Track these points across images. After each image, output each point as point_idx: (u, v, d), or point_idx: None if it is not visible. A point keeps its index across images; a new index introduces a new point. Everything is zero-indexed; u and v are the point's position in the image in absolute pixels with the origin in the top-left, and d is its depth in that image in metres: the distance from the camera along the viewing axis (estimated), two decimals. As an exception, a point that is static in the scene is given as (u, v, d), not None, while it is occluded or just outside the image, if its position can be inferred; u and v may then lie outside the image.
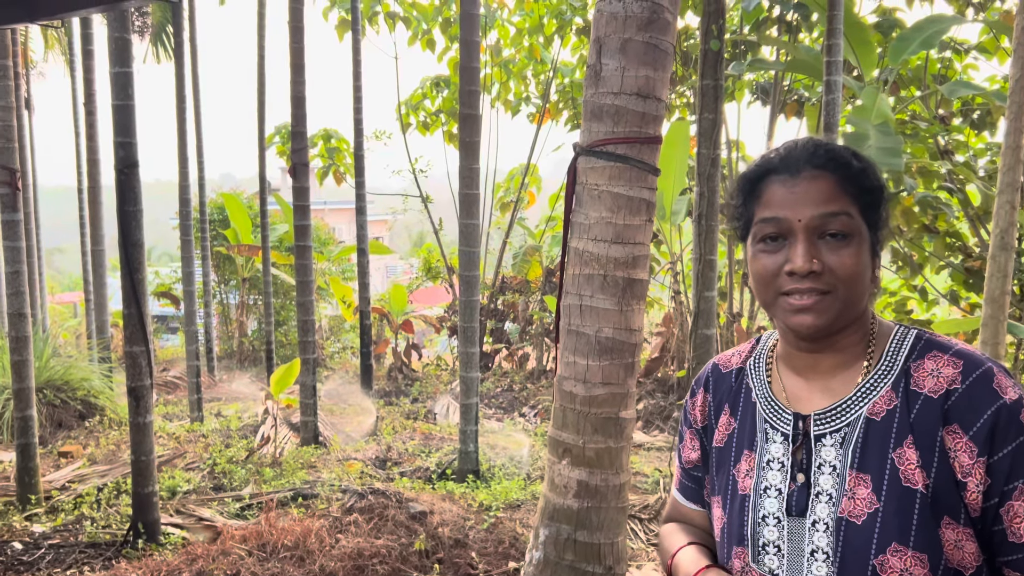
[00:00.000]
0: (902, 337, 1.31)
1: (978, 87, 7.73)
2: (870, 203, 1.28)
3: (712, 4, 5.36)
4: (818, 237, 1.25)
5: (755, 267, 1.32)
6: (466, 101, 6.19)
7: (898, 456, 1.22)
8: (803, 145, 1.32)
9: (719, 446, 1.46)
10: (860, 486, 1.23)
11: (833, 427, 1.29)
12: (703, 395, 1.53)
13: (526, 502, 5.81)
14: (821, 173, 1.27)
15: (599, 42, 2.96)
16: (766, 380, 1.42)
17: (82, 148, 10.80)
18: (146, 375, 4.99)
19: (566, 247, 3.14)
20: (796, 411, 1.34)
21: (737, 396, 1.46)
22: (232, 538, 4.82)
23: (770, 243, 1.29)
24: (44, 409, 7.97)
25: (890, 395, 1.26)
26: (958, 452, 1.19)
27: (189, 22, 10.38)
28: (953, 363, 1.24)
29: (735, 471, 1.40)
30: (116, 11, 4.80)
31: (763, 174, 1.33)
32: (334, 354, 14.73)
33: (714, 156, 5.37)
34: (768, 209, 1.29)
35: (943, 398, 1.22)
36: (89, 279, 10.96)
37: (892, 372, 1.28)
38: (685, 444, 1.56)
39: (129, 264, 4.90)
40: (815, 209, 1.25)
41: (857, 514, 1.22)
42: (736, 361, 1.51)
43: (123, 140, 4.89)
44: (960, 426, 1.20)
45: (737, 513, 1.36)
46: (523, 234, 14.19)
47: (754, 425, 1.40)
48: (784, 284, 1.27)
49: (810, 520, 1.27)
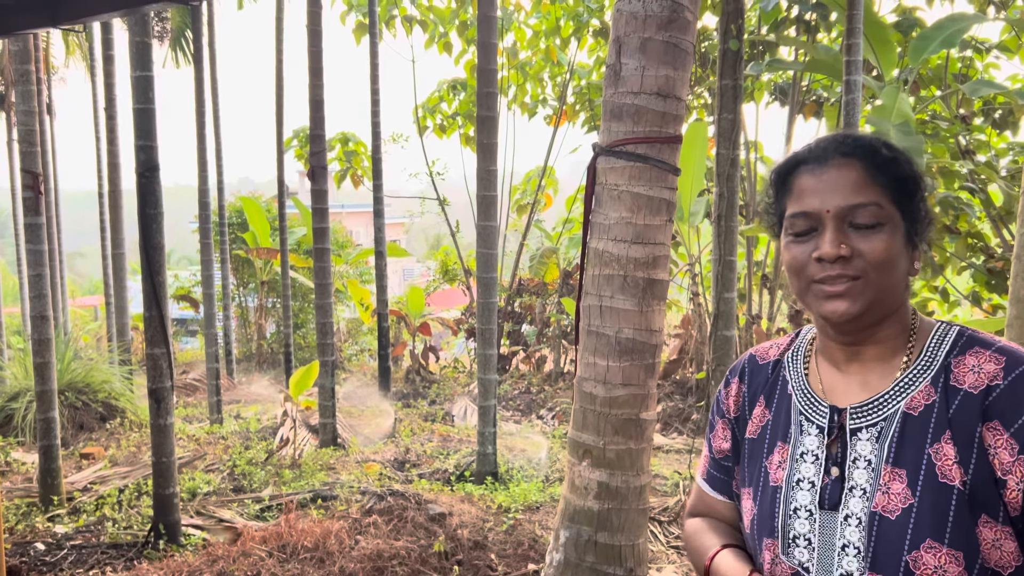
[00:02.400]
0: (943, 333, 1.30)
1: (1000, 86, 7.66)
2: (902, 192, 1.27)
3: (731, 4, 5.34)
4: (848, 226, 1.25)
5: (787, 257, 1.31)
6: (483, 103, 6.19)
7: (935, 452, 1.20)
8: (833, 136, 1.32)
9: (752, 437, 1.45)
10: (895, 481, 1.22)
11: (869, 421, 1.28)
12: (738, 385, 1.51)
13: (545, 504, 5.80)
14: (848, 161, 1.27)
15: (619, 42, 2.95)
16: (803, 373, 1.41)
17: (103, 152, 10.89)
18: (166, 377, 5.02)
19: (585, 247, 3.13)
20: (833, 404, 1.33)
21: (773, 388, 1.45)
22: (252, 539, 4.83)
23: (801, 234, 1.29)
24: (66, 411, 8.05)
25: (929, 390, 1.25)
26: (998, 449, 1.17)
27: (208, 26, 10.45)
28: (995, 359, 1.22)
29: (767, 462, 1.39)
30: (136, 15, 4.84)
31: (793, 166, 1.33)
32: (352, 356, 14.78)
33: (733, 157, 5.35)
34: (798, 202, 1.29)
35: (983, 394, 1.20)
36: (110, 282, 11.06)
37: (932, 367, 1.26)
38: (716, 433, 1.54)
39: (150, 267, 4.93)
40: (843, 199, 1.25)
41: (891, 509, 1.21)
42: (774, 353, 1.49)
43: (144, 143, 4.92)
44: (1001, 422, 1.17)
45: (768, 505, 1.35)
46: (540, 236, 14.19)
47: (789, 417, 1.39)
48: (815, 272, 1.26)
49: (842, 514, 1.26)
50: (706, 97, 11.10)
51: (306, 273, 14.05)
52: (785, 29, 9.24)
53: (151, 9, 4.76)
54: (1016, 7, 8.25)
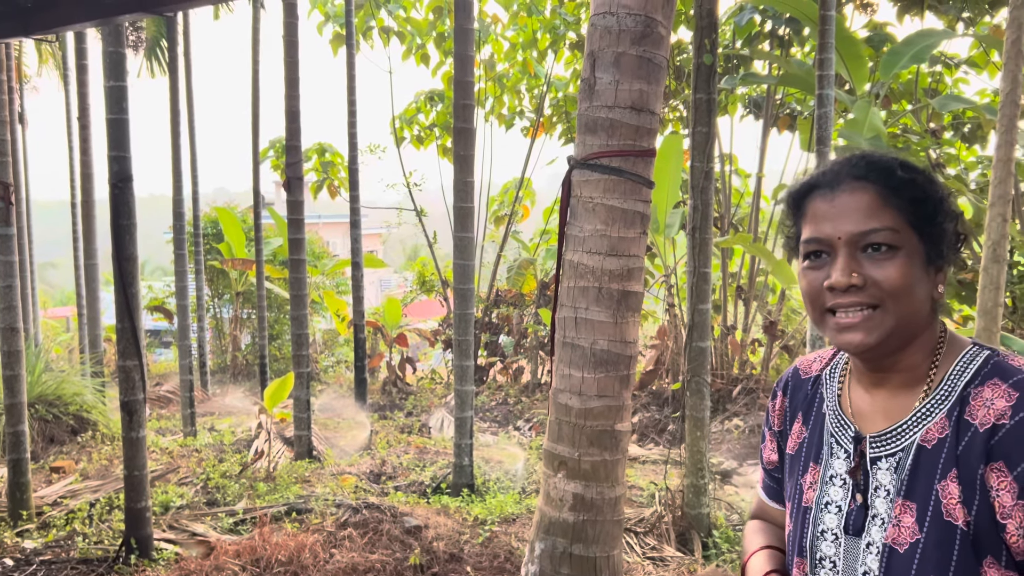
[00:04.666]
0: (970, 359, 1.24)
1: (968, 101, 7.79)
2: (919, 215, 1.22)
3: (705, 19, 5.39)
4: (861, 252, 1.22)
5: (802, 284, 1.29)
6: (460, 115, 6.21)
7: (942, 489, 1.18)
8: (848, 157, 1.29)
9: (791, 453, 1.45)
10: (906, 514, 1.21)
11: (888, 451, 1.26)
12: (782, 399, 1.51)
13: (521, 516, 5.79)
14: (861, 184, 1.23)
15: (593, 56, 2.98)
16: (837, 393, 1.39)
17: (76, 162, 10.78)
18: (139, 389, 4.97)
19: (561, 259, 3.14)
20: (858, 429, 1.32)
21: (811, 405, 1.44)
22: (226, 553, 4.78)
23: (815, 259, 1.26)
24: (36, 424, 7.93)
25: (944, 423, 1.21)
26: (1000, 491, 1.14)
27: (183, 37, 10.40)
28: (1008, 395, 1.16)
29: (802, 481, 1.39)
30: (111, 26, 4.81)
31: (807, 191, 1.30)
32: (328, 368, 14.69)
33: (708, 169, 5.39)
34: (811, 227, 1.27)
35: (989, 432, 1.15)
36: (82, 293, 10.93)
37: (950, 398, 1.22)
38: (766, 445, 1.56)
39: (123, 278, 4.89)
40: (855, 225, 1.21)
41: (901, 542, 1.20)
42: (816, 368, 1.47)
43: (117, 154, 4.89)
44: (1006, 464, 1.13)
45: (799, 524, 1.36)
46: (517, 247, 14.21)
47: (822, 437, 1.38)
48: (827, 300, 1.24)
49: (865, 541, 1.26)
50: (681, 110, 11.19)
51: (282, 284, 13.97)
52: (759, 43, 9.35)
53: (125, 20, 4.74)
54: (984, 23, 8.40)
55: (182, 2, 4.49)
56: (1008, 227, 4.18)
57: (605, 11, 2.94)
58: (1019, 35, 4.08)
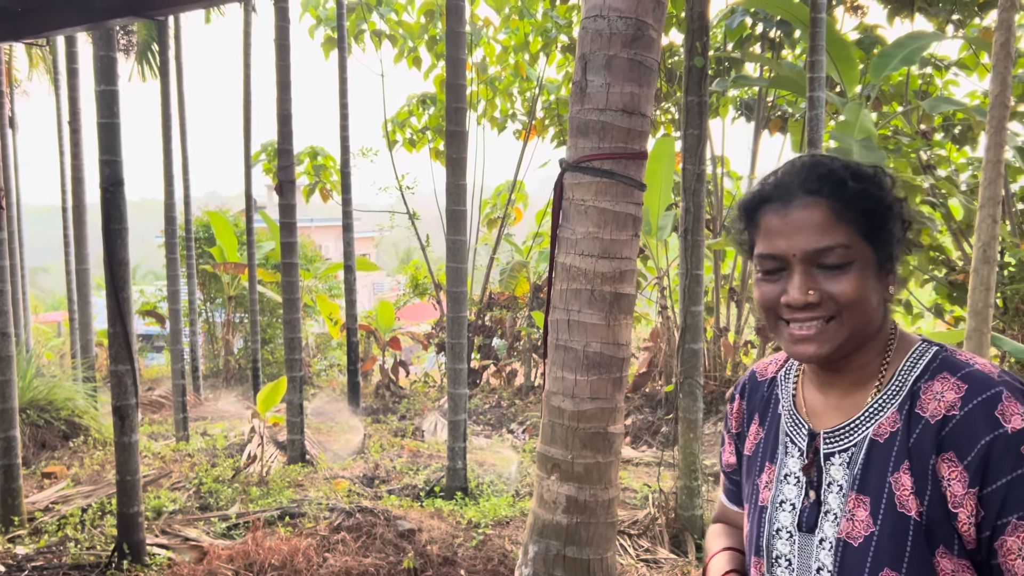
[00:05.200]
0: (919, 355, 1.28)
1: (959, 103, 7.83)
2: (872, 224, 1.24)
3: (696, 21, 5.41)
4: (815, 267, 1.23)
5: (757, 294, 1.31)
6: (452, 118, 6.21)
7: (895, 481, 1.21)
8: (799, 168, 1.29)
9: (748, 455, 1.48)
10: (859, 508, 1.23)
11: (841, 446, 1.29)
12: (739, 402, 1.54)
13: (515, 519, 5.79)
14: (814, 200, 1.23)
15: (584, 59, 2.99)
16: (791, 393, 1.42)
17: (67, 166, 10.74)
18: (131, 394, 4.95)
19: (553, 262, 3.14)
20: (812, 427, 1.34)
21: (767, 406, 1.46)
22: (219, 558, 4.77)
23: (770, 274, 1.28)
24: (27, 429, 7.89)
25: (895, 417, 1.24)
26: (951, 481, 1.16)
27: (175, 40, 10.37)
28: (957, 387, 1.20)
29: (759, 481, 1.41)
30: (101, 29, 4.80)
31: (758, 203, 1.30)
32: (321, 372, 14.66)
33: (699, 172, 5.40)
34: (765, 242, 1.27)
35: (940, 424, 1.19)
36: (73, 298, 10.89)
37: (901, 393, 1.26)
38: (725, 449, 1.58)
39: (114, 283, 4.87)
40: (808, 243, 1.22)
41: (855, 536, 1.22)
42: (772, 370, 1.50)
43: (108, 158, 4.87)
44: (956, 454, 1.16)
45: (756, 524, 1.39)
46: (510, 250, 14.21)
47: (777, 437, 1.41)
48: (783, 312, 1.26)
49: (818, 537, 1.28)
50: (673, 112, 11.21)
51: (274, 288, 13.93)
52: (750, 46, 9.38)
53: (116, 24, 4.73)
54: (974, 26, 8.44)
55: (173, 6, 4.49)
56: (998, 228, 4.20)
57: (596, 14, 2.95)
58: (1008, 37, 4.10)
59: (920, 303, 8.40)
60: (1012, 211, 7.41)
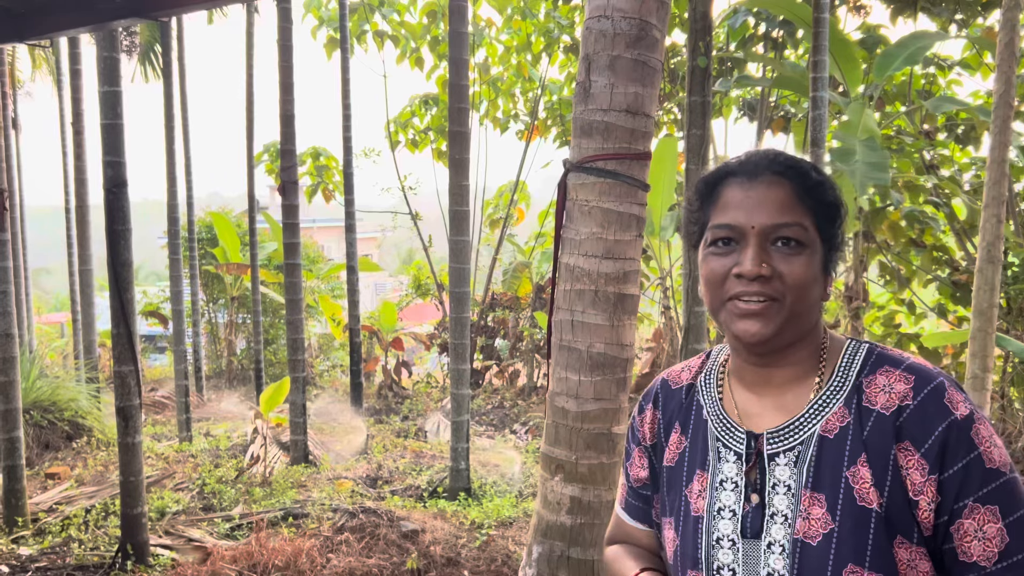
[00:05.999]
0: (854, 351, 1.29)
1: (962, 102, 7.82)
2: (826, 217, 1.27)
3: (699, 22, 5.41)
4: (770, 244, 1.24)
5: (704, 270, 1.29)
6: (455, 118, 6.21)
7: (852, 475, 1.20)
8: (764, 153, 1.31)
9: (670, 465, 1.41)
10: (815, 506, 1.21)
11: (786, 446, 1.26)
12: (652, 411, 1.48)
13: (518, 519, 5.78)
14: (779, 180, 1.25)
15: (588, 59, 2.98)
16: (717, 397, 1.38)
17: (70, 167, 10.77)
18: (134, 395, 4.96)
19: (557, 263, 3.14)
20: (749, 429, 1.31)
21: (688, 413, 1.42)
22: (222, 559, 4.77)
23: (722, 246, 1.27)
24: (31, 430, 7.90)
25: (843, 412, 1.24)
26: (910, 470, 1.17)
27: (177, 41, 10.38)
28: (905, 378, 1.22)
29: (687, 491, 1.36)
30: (104, 31, 4.80)
31: (721, 177, 1.31)
32: (324, 372, 14.67)
33: (702, 172, 5.40)
34: (723, 213, 1.28)
35: (895, 414, 1.19)
36: (76, 299, 10.90)
37: (844, 388, 1.26)
38: (633, 462, 1.51)
39: (117, 283, 4.88)
40: (769, 217, 1.23)
41: (812, 535, 1.20)
42: (686, 377, 1.46)
43: (112, 159, 4.88)
44: (912, 443, 1.17)
45: (691, 535, 1.32)
46: (513, 251, 14.20)
47: (706, 444, 1.36)
48: (732, 288, 1.25)
49: (765, 542, 1.24)
50: (676, 113, 11.21)
51: (277, 288, 13.94)
52: (753, 46, 9.37)
53: (119, 25, 4.73)
54: (977, 25, 8.43)
55: (176, 7, 4.49)
56: (1002, 228, 4.19)
57: (600, 15, 2.94)
58: (1012, 37, 4.10)
59: (923, 303, 8.39)
60: (1016, 211, 7.40)
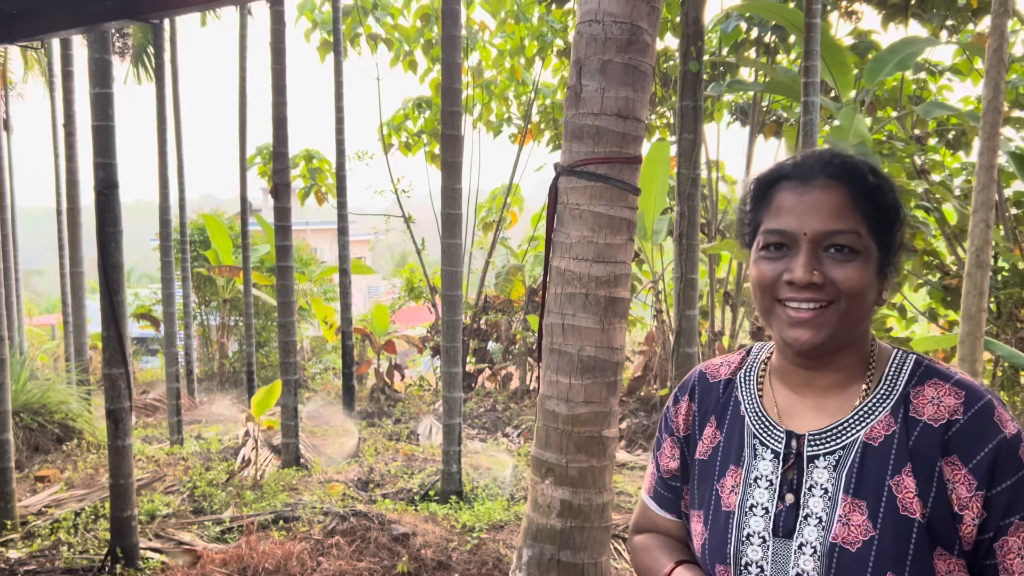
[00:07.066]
0: (901, 362, 1.28)
1: (952, 108, 7.85)
2: (882, 222, 1.24)
3: (691, 26, 5.43)
4: (823, 250, 1.22)
5: (755, 272, 1.28)
6: (448, 122, 6.22)
7: (896, 484, 1.19)
8: (820, 154, 1.28)
9: (702, 459, 1.41)
10: (855, 512, 1.20)
11: (827, 449, 1.26)
12: (688, 403, 1.48)
13: (509, 523, 5.78)
14: (834, 184, 1.23)
15: (579, 63, 2.99)
16: (757, 394, 1.38)
17: (61, 169, 10.72)
18: (125, 397, 4.94)
19: (548, 266, 3.15)
20: (789, 429, 1.30)
21: (725, 408, 1.41)
22: (212, 562, 4.76)
23: (773, 251, 1.26)
24: (21, 433, 7.87)
25: (889, 420, 1.23)
26: (956, 484, 1.17)
27: (170, 43, 10.37)
28: (955, 393, 1.21)
29: (719, 486, 1.36)
30: (97, 32, 4.79)
31: (775, 179, 1.29)
32: (316, 375, 14.64)
33: (694, 176, 5.42)
34: (776, 218, 1.26)
35: (944, 428, 1.19)
36: (67, 301, 10.86)
37: (891, 397, 1.25)
38: (664, 452, 1.50)
39: (109, 286, 4.86)
40: (822, 224, 1.21)
41: (851, 541, 1.19)
42: (725, 372, 1.46)
43: (103, 161, 4.87)
44: (960, 458, 1.17)
45: (720, 530, 1.32)
46: (505, 254, 14.21)
47: (742, 440, 1.35)
48: (782, 292, 1.24)
49: (797, 542, 1.24)
50: (668, 117, 11.23)
51: (269, 291, 13.91)
52: (745, 51, 9.40)
53: (111, 27, 4.72)
54: (967, 31, 8.47)
55: (168, 9, 4.49)
56: (991, 233, 4.21)
57: (591, 19, 2.95)
58: (1001, 43, 4.12)
59: (914, 307, 8.42)
60: (1005, 216, 7.43)
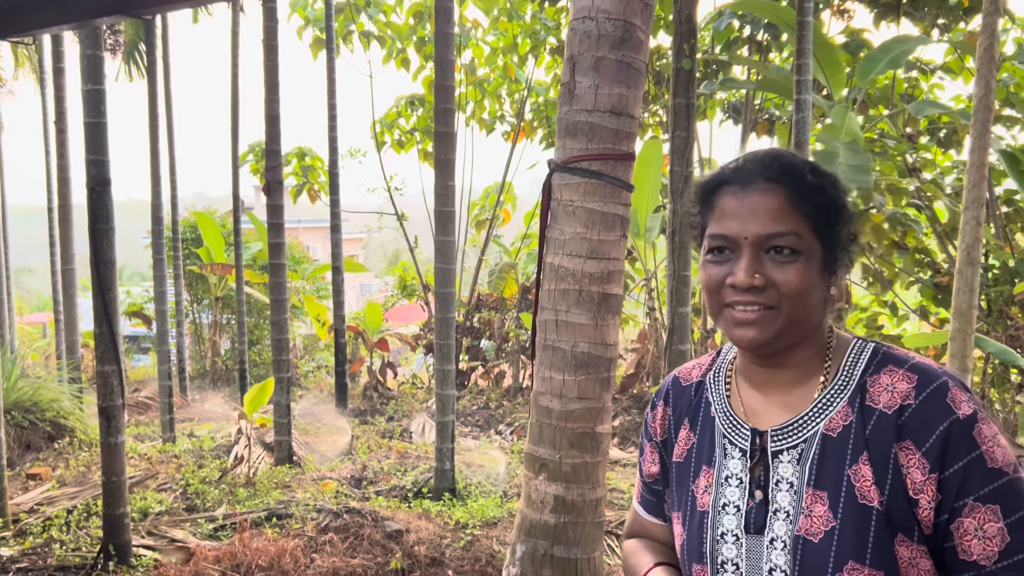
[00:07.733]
0: (859, 351, 1.30)
1: (944, 106, 7.90)
2: (824, 221, 1.26)
3: (684, 24, 5.44)
4: (764, 252, 1.24)
5: (703, 276, 1.31)
6: (441, 119, 6.21)
7: (854, 473, 1.21)
8: (760, 157, 1.30)
9: (679, 461, 1.44)
10: (817, 503, 1.22)
11: (790, 443, 1.28)
12: (663, 408, 1.50)
13: (503, 519, 5.79)
14: (772, 187, 1.25)
15: (573, 60, 3.00)
16: (725, 394, 1.40)
17: (52, 166, 10.68)
18: (117, 395, 4.93)
19: (542, 262, 3.15)
20: (754, 426, 1.33)
21: (697, 410, 1.44)
22: (205, 559, 4.75)
23: (718, 255, 1.28)
24: (12, 431, 7.84)
25: (846, 411, 1.25)
26: (911, 468, 1.18)
27: (162, 40, 10.33)
28: (908, 378, 1.23)
29: (694, 487, 1.38)
30: (88, 28, 4.78)
31: (717, 184, 1.31)
32: (308, 373, 14.62)
33: (687, 174, 5.43)
34: (718, 223, 1.28)
35: (897, 414, 1.21)
36: (59, 299, 10.82)
37: (848, 387, 1.27)
38: (645, 457, 1.53)
39: (101, 283, 4.85)
40: (762, 227, 1.23)
41: (814, 532, 1.21)
42: (696, 374, 1.48)
43: (95, 158, 4.85)
44: (913, 442, 1.19)
45: (696, 530, 1.35)
46: (498, 251, 14.21)
47: (713, 440, 1.38)
48: (728, 296, 1.26)
49: (768, 538, 1.26)
50: (661, 115, 11.25)
51: (261, 289, 13.89)
52: (738, 49, 9.43)
53: (103, 23, 4.71)
54: (959, 30, 8.51)
55: (160, 5, 4.48)
56: (982, 230, 4.24)
57: (585, 16, 2.96)
58: (991, 41, 4.14)
59: (905, 305, 8.46)
60: (996, 214, 7.48)
